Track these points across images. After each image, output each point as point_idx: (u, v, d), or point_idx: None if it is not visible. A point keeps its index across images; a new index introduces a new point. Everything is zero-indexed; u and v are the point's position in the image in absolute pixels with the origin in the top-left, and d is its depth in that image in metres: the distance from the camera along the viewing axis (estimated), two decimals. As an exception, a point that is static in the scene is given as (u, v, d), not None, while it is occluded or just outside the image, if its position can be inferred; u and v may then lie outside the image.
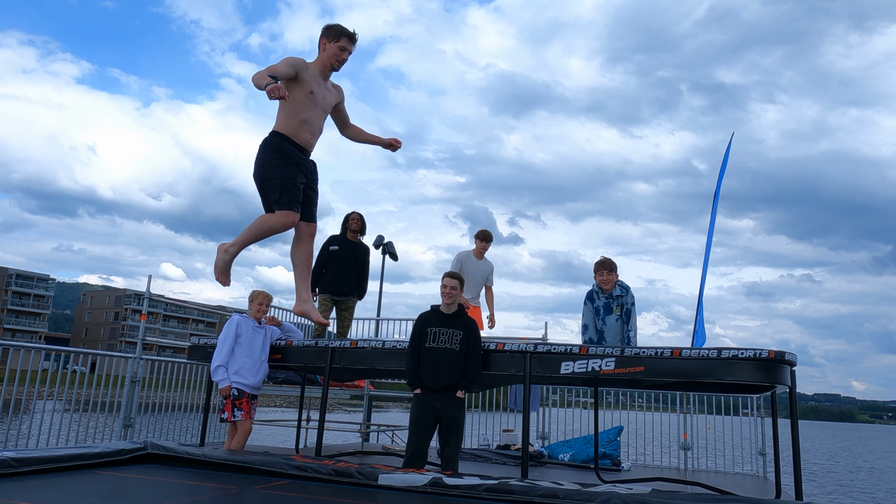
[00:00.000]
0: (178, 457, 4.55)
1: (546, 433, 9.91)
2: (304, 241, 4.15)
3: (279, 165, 3.82)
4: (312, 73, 3.90)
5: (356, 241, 7.41)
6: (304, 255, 4.23)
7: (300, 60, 3.84)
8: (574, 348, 4.85)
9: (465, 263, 7.13)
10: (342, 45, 3.93)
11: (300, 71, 3.80)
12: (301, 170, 3.89)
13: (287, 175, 3.87)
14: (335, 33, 3.95)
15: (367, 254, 7.51)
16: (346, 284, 7.23)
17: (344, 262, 7.20)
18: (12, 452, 3.90)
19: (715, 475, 8.61)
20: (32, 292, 78.30)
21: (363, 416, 10.62)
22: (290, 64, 3.74)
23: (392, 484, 3.98)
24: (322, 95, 3.95)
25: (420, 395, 5.09)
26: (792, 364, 4.55)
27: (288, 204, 3.86)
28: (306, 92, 3.83)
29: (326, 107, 4.07)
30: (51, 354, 7.69)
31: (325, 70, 3.96)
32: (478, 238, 7.31)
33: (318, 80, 3.92)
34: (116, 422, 7.60)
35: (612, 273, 6.02)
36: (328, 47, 3.92)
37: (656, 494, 3.74)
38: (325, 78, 3.98)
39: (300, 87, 3.82)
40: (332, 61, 3.96)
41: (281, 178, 3.84)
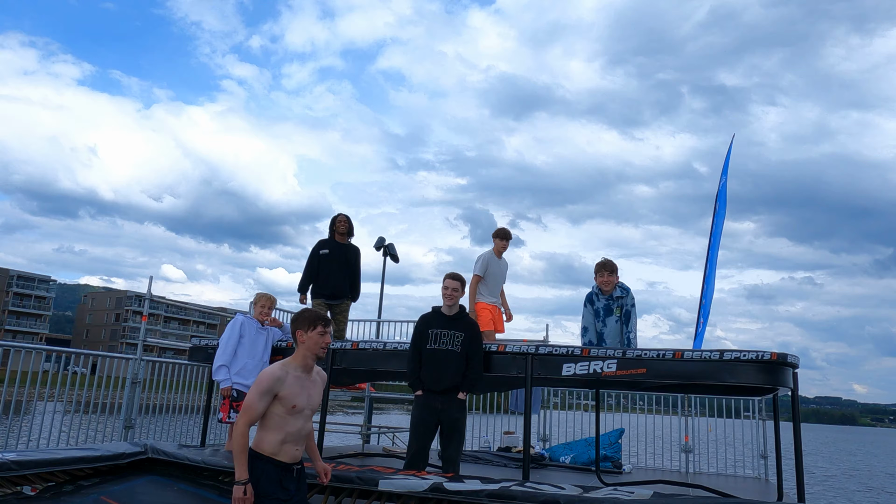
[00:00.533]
0: (178, 462, 4.53)
1: (547, 435, 9.90)
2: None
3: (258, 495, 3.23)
4: (292, 381, 3.40)
5: (346, 244, 7.35)
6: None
7: (274, 376, 3.36)
8: (576, 350, 4.83)
9: (491, 264, 7.00)
10: (319, 331, 3.45)
11: (277, 390, 3.31)
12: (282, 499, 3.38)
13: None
14: (308, 321, 3.44)
15: (357, 255, 7.45)
16: (339, 288, 7.18)
17: (336, 265, 7.15)
18: (13, 455, 3.89)
19: (717, 478, 8.58)
20: (33, 293, 78.36)
21: (364, 418, 10.60)
22: (264, 391, 3.30)
23: (392, 489, 3.96)
24: (307, 400, 3.44)
25: (421, 396, 5.08)
26: (794, 366, 4.54)
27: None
28: (288, 408, 3.34)
29: (314, 407, 3.50)
30: (51, 356, 7.67)
31: (307, 363, 3.44)
32: (500, 237, 7.13)
33: (300, 383, 3.43)
34: (117, 423, 7.60)
35: (612, 275, 6.00)
36: (307, 338, 3.41)
37: (658, 498, 3.72)
38: (308, 371, 3.48)
39: (280, 403, 3.33)
40: (315, 351, 3.40)
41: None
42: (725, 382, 4.45)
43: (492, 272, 6.99)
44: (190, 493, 4.23)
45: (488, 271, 6.95)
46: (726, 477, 8.88)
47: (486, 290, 6.95)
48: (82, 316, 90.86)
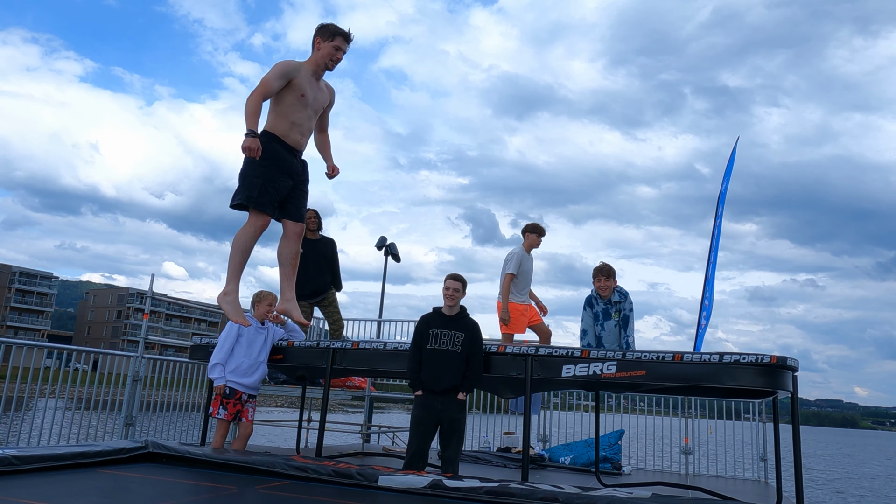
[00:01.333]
0: (179, 456, 4.55)
1: (547, 436, 9.90)
2: (291, 240, 4.17)
3: (263, 165, 3.82)
4: (305, 75, 3.89)
5: (317, 238, 7.24)
6: (291, 254, 4.24)
7: (291, 65, 3.82)
8: (575, 351, 4.84)
9: (524, 261, 6.82)
10: (337, 44, 3.91)
11: (292, 77, 3.79)
12: (287, 172, 3.88)
13: (269, 177, 3.85)
14: (330, 33, 3.90)
15: (333, 246, 7.31)
16: (320, 284, 7.09)
17: (312, 262, 7.06)
18: (13, 450, 3.91)
19: (716, 480, 8.58)
20: (36, 290, 78.52)
21: (364, 417, 10.62)
22: (281, 73, 3.74)
23: (392, 486, 3.98)
24: (314, 96, 3.93)
25: (421, 396, 5.10)
26: (794, 369, 4.54)
27: (262, 205, 3.85)
28: (297, 95, 3.83)
29: (318, 107, 4.04)
30: (52, 352, 7.70)
31: (318, 70, 3.91)
32: (536, 233, 6.93)
33: (310, 80, 3.91)
34: (118, 420, 7.62)
35: (609, 279, 6.02)
36: (322, 46, 3.87)
37: (656, 499, 3.73)
38: (318, 78, 3.95)
39: (291, 90, 3.81)
40: (325, 61, 3.93)
41: (262, 177, 3.84)
42: (725, 385, 4.46)
43: (524, 269, 6.80)
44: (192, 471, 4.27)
45: (521, 268, 6.75)
46: (726, 479, 8.88)
47: (517, 289, 6.77)
48: (84, 313, 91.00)
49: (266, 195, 3.88)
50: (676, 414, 9.64)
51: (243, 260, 3.98)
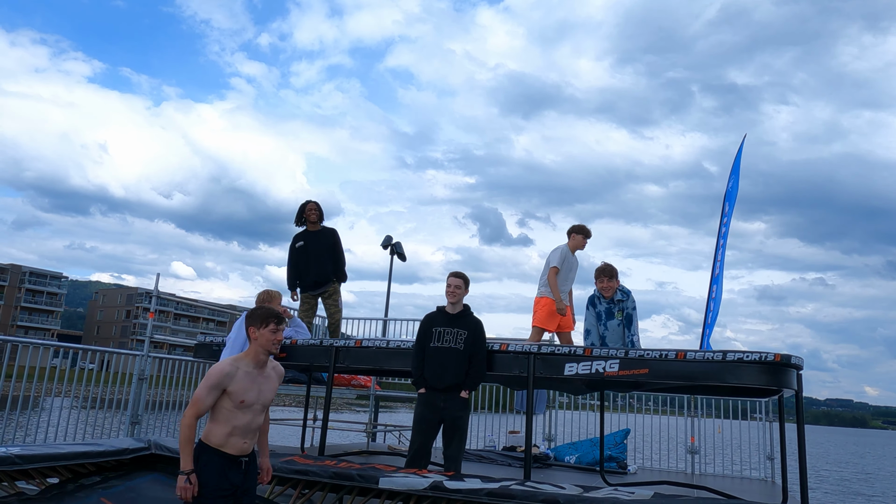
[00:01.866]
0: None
1: (553, 435, 9.88)
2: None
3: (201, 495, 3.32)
4: (242, 374, 3.47)
5: (319, 230, 7.25)
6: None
7: (224, 372, 3.43)
8: (578, 350, 4.83)
9: (567, 258, 6.70)
10: (272, 328, 3.51)
11: (226, 385, 3.40)
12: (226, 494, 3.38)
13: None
14: (260, 319, 3.53)
15: (335, 236, 7.30)
16: (322, 274, 7.09)
17: (314, 254, 7.07)
18: (17, 449, 3.92)
19: (723, 479, 8.53)
20: (45, 290, 79.01)
21: (369, 416, 10.62)
22: (211, 387, 3.38)
23: (392, 487, 3.97)
24: (257, 395, 3.51)
25: (424, 394, 5.09)
26: (798, 368, 4.51)
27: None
28: (237, 402, 3.42)
29: (265, 402, 3.57)
30: (59, 351, 7.74)
31: (259, 360, 3.52)
32: (582, 234, 6.83)
33: (250, 378, 3.50)
34: (124, 419, 7.65)
35: (612, 280, 6.00)
36: (258, 335, 3.50)
37: (659, 498, 3.71)
38: (261, 368, 3.55)
39: (229, 398, 3.42)
40: (267, 348, 3.49)
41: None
42: (728, 383, 4.43)
43: (568, 267, 6.71)
44: None
45: (565, 265, 6.66)
46: (732, 478, 8.83)
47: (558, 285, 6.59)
48: (93, 312, 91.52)
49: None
50: (683, 413, 9.59)
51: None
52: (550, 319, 6.52)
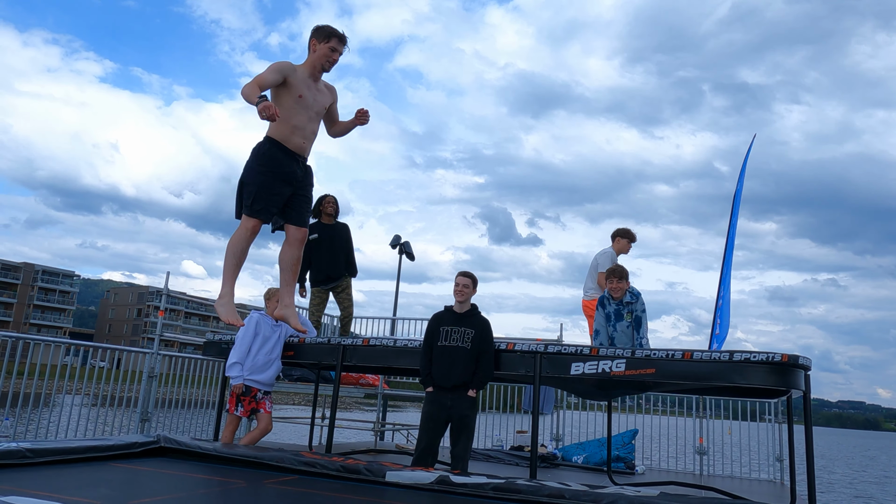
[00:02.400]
0: (190, 451, 4.60)
1: (560, 435, 9.87)
2: (293, 246, 4.07)
3: (260, 173, 3.72)
4: (301, 76, 3.79)
5: (332, 223, 7.25)
6: (292, 259, 4.16)
7: (287, 64, 3.72)
8: (584, 349, 4.83)
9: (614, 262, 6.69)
10: (332, 45, 3.79)
11: (287, 75, 3.68)
12: (285, 179, 3.74)
13: (264, 183, 3.77)
14: (325, 34, 3.80)
15: (347, 231, 7.32)
16: (335, 269, 7.08)
17: (327, 247, 7.06)
18: (28, 443, 3.98)
19: (731, 480, 8.51)
20: (58, 288, 79.75)
21: (377, 415, 10.66)
22: (277, 70, 3.64)
23: (399, 481, 3.99)
24: (313, 98, 3.82)
25: (431, 393, 5.11)
26: (806, 368, 4.49)
27: (257, 212, 3.77)
28: (295, 96, 3.72)
29: (319, 109, 3.89)
30: (71, 349, 7.82)
31: (315, 71, 3.80)
32: (624, 237, 6.89)
33: (307, 82, 3.81)
34: (134, 416, 7.72)
35: (622, 281, 5.98)
36: (318, 48, 3.78)
37: (664, 497, 3.71)
38: (315, 80, 3.84)
39: (288, 91, 3.71)
40: (322, 62, 3.78)
41: (257, 185, 3.76)
42: (735, 384, 4.42)
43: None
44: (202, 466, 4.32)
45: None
46: (741, 480, 8.80)
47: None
48: (105, 311, 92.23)
49: (258, 202, 3.79)
50: (691, 414, 9.56)
51: (237, 264, 3.92)
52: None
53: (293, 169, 3.79)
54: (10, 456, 3.70)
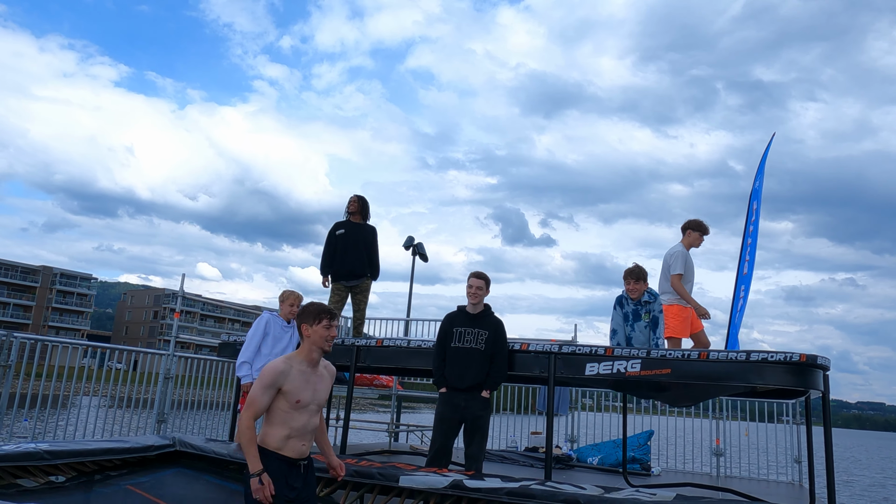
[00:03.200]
0: (204, 455, 4.61)
1: (575, 436, 9.82)
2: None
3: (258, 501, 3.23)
4: (296, 373, 3.40)
5: (361, 223, 7.32)
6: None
7: (276, 373, 3.35)
8: (599, 349, 4.79)
9: (688, 260, 6.40)
10: (325, 324, 3.40)
11: (280, 384, 3.31)
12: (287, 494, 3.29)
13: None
14: (313, 315, 3.44)
15: (374, 234, 7.40)
16: (358, 266, 7.16)
17: (352, 244, 7.13)
18: (46, 444, 4.01)
19: (749, 482, 8.41)
20: (76, 291, 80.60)
21: (391, 416, 10.66)
22: (269, 386, 3.30)
23: (412, 486, 3.98)
24: (312, 395, 3.42)
25: (445, 393, 5.09)
26: (825, 368, 4.42)
27: None
28: (292, 402, 3.33)
29: (320, 402, 3.48)
30: (88, 350, 7.89)
31: (313, 358, 3.44)
32: (696, 230, 6.57)
33: (305, 376, 3.42)
34: (150, 417, 7.77)
35: (639, 282, 5.93)
36: (311, 332, 3.41)
37: (680, 500, 3.67)
38: (314, 366, 3.47)
39: (285, 398, 3.33)
40: (321, 345, 3.40)
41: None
42: (752, 384, 4.37)
43: (688, 268, 6.46)
44: (216, 485, 4.31)
45: (687, 267, 6.41)
46: (759, 481, 8.70)
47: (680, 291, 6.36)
48: (122, 313, 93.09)
49: None
50: (708, 415, 9.47)
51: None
52: (684, 326, 6.30)
53: (292, 482, 3.35)
54: (28, 458, 3.73)
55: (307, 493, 3.43)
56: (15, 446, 3.87)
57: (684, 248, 6.53)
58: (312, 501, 3.48)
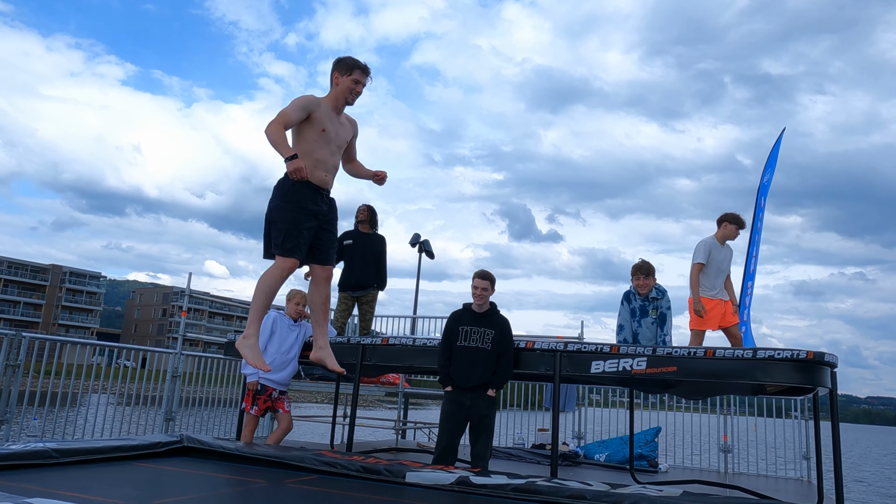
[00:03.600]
0: (213, 450, 4.64)
1: (582, 433, 9.82)
2: (321, 285, 3.90)
3: (286, 209, 3.66)
4: (325, 110, 3.77)
5: (370, 232, 7.30)
6: (321, 299, 3.97)
7: (310, 99, 3.73)
8: (605, 347, 4.78)
9: (714, 251, 6.35)
10: (355, 77, 3.73)
11: (312, 110, 3.67)
12: (311, 213, 3.68)
13: (292, 220, 3.70)
14: (347, 66, 3.77)
15: (382, 244, 7.39)
16: (366, 277, 7.13)
17: (360, 254, 7.11)
18: (54, 443, 4.04)
19: (756, 479, 8.39)
20: (85, 289, 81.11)
21: (398, 413, 10.68)
22: (302, 106, 3.65)
23: (419, 482, 3.99)
24: (335, 132, 3.79)
25: (451, 392, 5.10)
26: (832, 365, 4.40)
27: (289, 251, 3.67)
28: (318, 130, 3.70)
29: (341, 143, 3.84)
30: (97, 349, 7.94)
31: (338, 105, 3.77)
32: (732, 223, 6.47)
33: (330, 115, 3.78)
34: (159, 415, 7.82)
35: (648, 278, 5.91)
36: (341, 81, 3.76)
37: (687, 497, 3.66)
38: (338, 113, 3.82)
39: (311, 126, 3.69)
40: (345, 95, 3.74)
41: (286, 222, 3.69)
42: (759, 382, 4.35)
43: (714, 260, 6.36)
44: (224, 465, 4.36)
45: (710, 259, 6.34)
46: (767, 478, 8.68)
47: (706, 282, 6.34)
48: (131, 311, 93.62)
49: (289, 240, 3.70)
50: (715, 411, 9.44)
51: (267, 304, 3.75)
52: (710, 318, 6.24)
53: (319, 203, 3.73)
54: (36, 456, 3.76)
55: (332, 215, 3.83)
56: (23, 445, 3.90)
57: (712, 239, 6.43)
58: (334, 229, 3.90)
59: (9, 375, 5.92)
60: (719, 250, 6.45)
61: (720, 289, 6.42)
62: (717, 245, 6.43)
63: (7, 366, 5.94)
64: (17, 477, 3.41)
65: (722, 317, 6.36)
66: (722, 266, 6.47)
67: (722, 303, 6.39)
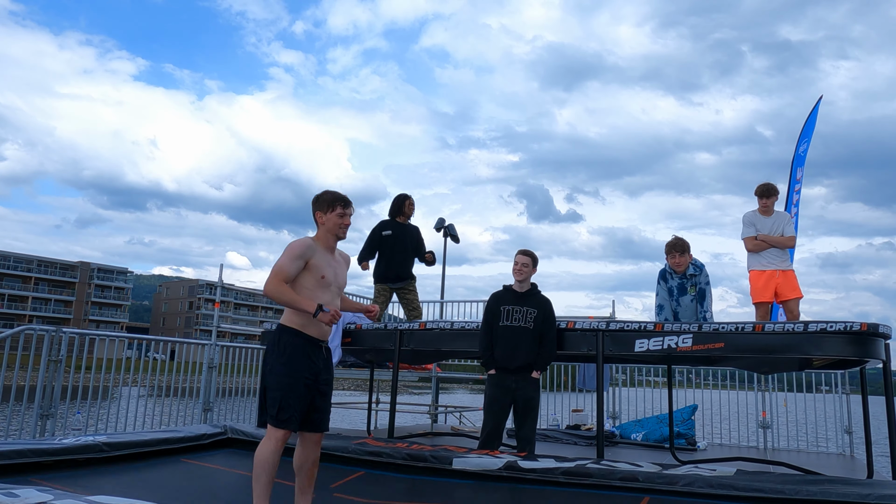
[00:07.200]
0: (255, 441, 4.65)
1: (616, 412, 9.76)
2: (308, 448, 3.52)
3: (283, 375, 3.36)
4: (320, 254, 3.53)
5: (406, 223, 7.22)
6: (309, 463, 3.57)
7: (304, 245, 3.48)
8: (649, 325, 4.70)
9: (758, 224, 6.26)
10: (339, 212, 3.42)
11: (308, 257, 3.43)
12: (309, 372, 3.41)
13: (289, 387, 3.38)
14: (327, 203, 3.55)
15: (419, 233, 7.34)
16: (405, 268, 7.08)
17: (400, 245, 7.03)
18: (104, 437, 4.07)
19: (797, 454, 8.27)
20: (113, 285, 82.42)
21: (431, 397, 10.70)
22: (296, 256, 3.42)
23: (466, 468, 3.96)
24: (334, 275, 3.56)
25: (495, 375, 5.03)
26: (887, 336, 4.29)
27: (283, 423, 3.35)
28: (317, 277, 3.45)
29: (341, 284, 3.61)
30: (129, 343, 8.05)
31: (330, 244, 3.56)
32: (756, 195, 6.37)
33: (327, 259, 3.55)
34: (196, 406, 7.90)
35: (684, 255, 5.77)
36: (325, 219, 3.53)
37: (742, 476, 3.59)
38: (332, 252, 3.61)
39: (310, 272, 3.44)
40: (335, 232, 3.52)
41: (281, 390, 3.37)
42: (811, 356, 4.25)
43: (766, 227, 6.23)
44: None
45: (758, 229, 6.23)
46: (808, 453, 8.55)
47: (754, 255, 6.25)
48: (158, 305, 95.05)
49: (286, 411, 3.38)
50: (752, 388, 9.31)
51: (270, 481, 3.39)
52: (762, 290, 6.12)
53: (316, 359, 3.45)
54: (88, 450, 3.79)
55: (326, 375, 3.56)
56: (74, 439, 3.94)
57: (755, 213, 6.31)
58: (330, 384, 3.63)
59: (52, 371, 6.00)
60: (763, 221, 6.30)
61: (771, 260, 6.22)
62: (759, 217, 6.29)
63: (50, 361, 6.02)
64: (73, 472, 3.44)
65: (777, 288, 6.15)
66: (777, 231, 6.26)
67: (776, 273, 6.17)
